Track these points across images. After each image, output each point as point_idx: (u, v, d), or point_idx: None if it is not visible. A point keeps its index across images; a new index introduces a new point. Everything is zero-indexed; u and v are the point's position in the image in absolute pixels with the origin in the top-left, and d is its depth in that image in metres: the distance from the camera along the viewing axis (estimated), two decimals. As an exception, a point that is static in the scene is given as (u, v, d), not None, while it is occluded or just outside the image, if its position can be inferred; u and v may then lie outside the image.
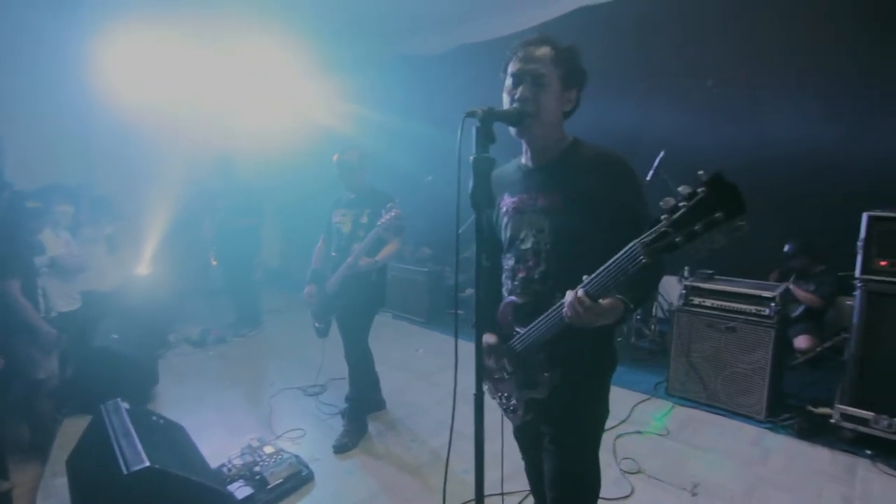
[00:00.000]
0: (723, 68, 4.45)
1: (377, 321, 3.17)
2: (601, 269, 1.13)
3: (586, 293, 1.16)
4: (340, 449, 2.89)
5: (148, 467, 1.83)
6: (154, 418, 2.40)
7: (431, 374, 4.05)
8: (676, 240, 0.97)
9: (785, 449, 2.85)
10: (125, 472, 1.82)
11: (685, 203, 0.94)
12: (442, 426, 3.18)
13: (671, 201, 0.97)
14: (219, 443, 2.87)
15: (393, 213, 2.74)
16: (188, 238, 6.37)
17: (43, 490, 2.59)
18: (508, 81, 1.36)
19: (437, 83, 6.52)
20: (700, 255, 0.96)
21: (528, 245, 1.41)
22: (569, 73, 1.34)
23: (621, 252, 1.08)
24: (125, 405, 2.28)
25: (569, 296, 1.19)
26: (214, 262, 5.44)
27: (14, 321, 2.82)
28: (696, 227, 0.93)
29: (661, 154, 4.06)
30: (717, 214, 0.90)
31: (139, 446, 1.93)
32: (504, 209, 1.49)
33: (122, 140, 5.77)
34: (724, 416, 3.21)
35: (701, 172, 0.93)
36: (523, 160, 1.48)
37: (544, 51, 1.32)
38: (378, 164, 3.12)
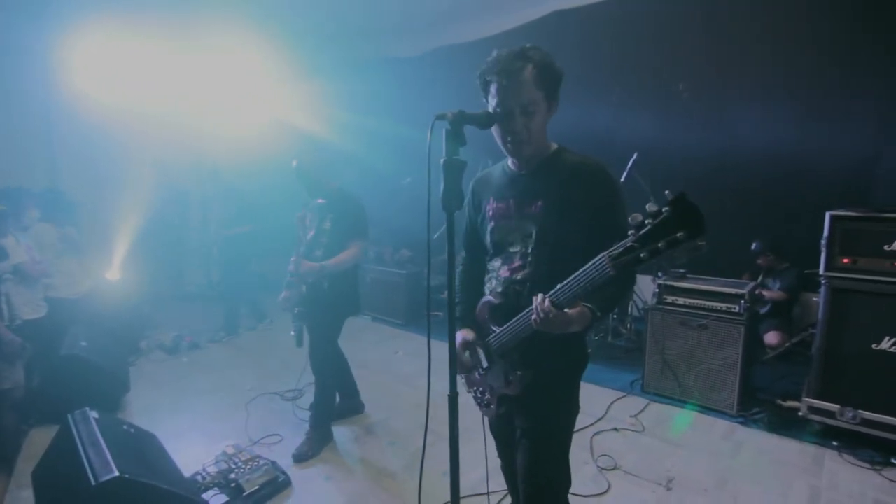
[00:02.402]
0: (693, 73, 4.57)
1: (356, 324, 3.13)
2: (570, 279, 1.17)
3: (552, 302, 1.20)
4: (300, 458, 2.81)
5: (117, 477, 1.77)
6: (124, 427, 2.33)
7: (410, 377, 4.03)
8: (641, 255, 1.02)
9: (755, 442, 2.93)
10: (93, 482, 1.76)
11: (651, 221, 0.99)
12: (421, 428, 3.15)
13: (639, 217, 1.01)
14: (193, 451, 2.80)
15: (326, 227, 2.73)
16: (161, 243, 6.24)
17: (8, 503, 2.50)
18: (496, 109, 1.33)
19: (416, 85, 6.53)
20: (663, 269, 1.00)
21: (515, 249, 1.45)
22: (551, 88, 1.34)
23: (589, 263, 1.12)
24: (94, 414, 2.21)
25: (536, 302, 1.22)
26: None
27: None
28: (660, 245, 0.98)
29: (635, 156, 4.14)
30: (678, 234, 0.95)
31: (108, 456, 1.87)
32: (490, 213, 1.52)
33: (89, 143, 5.62)
34: (698, 411, 3.28)
35: (667, 192, 0.97)
36: (509, 164, 1.51)
37: (528, 72, 1.29)
38: (358, 167, 3.09)
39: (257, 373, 4.16)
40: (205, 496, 2.32)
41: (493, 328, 1.46)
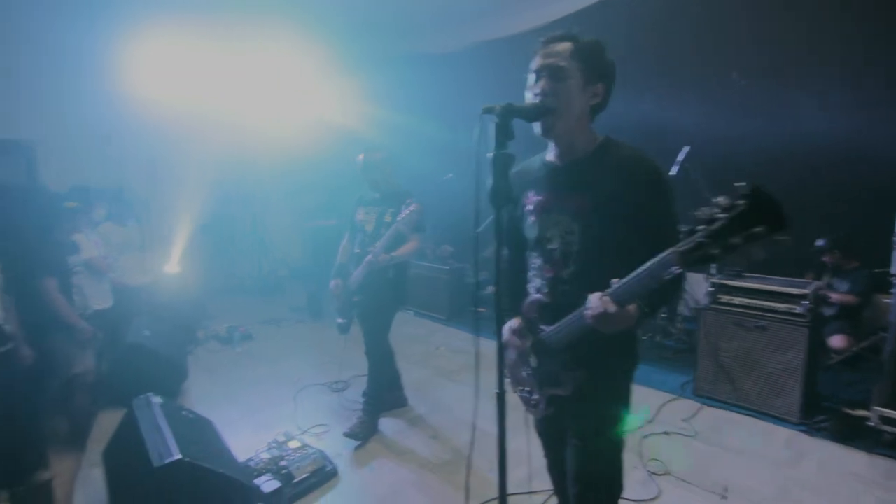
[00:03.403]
0: (748, 59, 4.32)
1: (399, 318, 3.18)
2: (631, 275, 1.12)
3: (612, 299, 1.15)
4: (351, 435, 2.94)
5: (178, 460, 1.88)
6: (184, 413, 2.46)
7: (453, 372, 4.05)
8: (713, 251, 0.94)
9: (819, 452, 2.76)
10: (156, 464, 1.87)
11: (724, 215, 0.92)
12: (463, 424, 3.18)
13: (707, 211, 0.95)
14: (246, 437, 2.92)
15: (412, 208, 2.76)
16: (213, 238, 6.54)
17: (81, 480, 2.69)
18: (530, 78, 1.35)
19: (455, 81, 6.49)
20: (737, 266, 0.94)
21: (555, 245, 1.40)
22: (591, 66, 1.31)
23: (654, 260, 1.07)
24: (157, 399, 2.35)
25: (593, 300, 1.18)
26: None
27: (51, 318, 2.93)
28: (735, 240, 0.91)
29: (686, 149, 3.97)
30: (757, 229, 0.88)
31: (170, 440, 1.98)
32: (529, 207, 1.47)
33: (150, 142, 5.95)
34: (755, 417, 3.12)
35: (741, 184, 0.90)
36: (549, 157, 1.46)
37: (564, 46, 1.31)
38: (397, 163, 3.15)
39: (305, 364, 4.28)
40: (257, 481, 2.41)
41: (543, 327, 1.42)
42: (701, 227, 0.96)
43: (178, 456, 1.89)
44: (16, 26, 4.96)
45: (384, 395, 3.21)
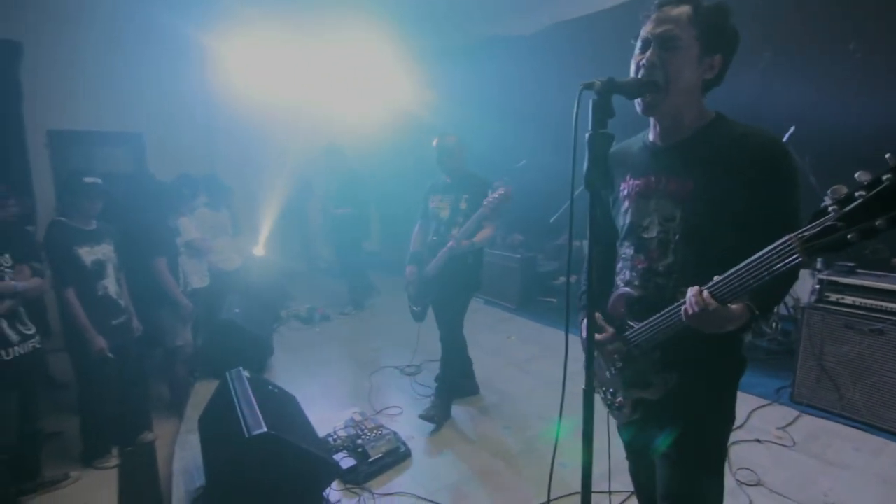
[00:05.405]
0: (867, 27, 3.79)
1: (469, 306, 3.16)
2: (738, 267, 0.99)
3: (713, 295, 1.03)
4: (426, 418, 2.97)
5: (265, 433, 1.98)
6: (270, 387, 2.60)
7: (524, 363, 3.99)
8: (848, 236, 0.80)
9: (945, 475, 2.42)
10: (246, 435, 1.99)
11: (863, 193, 0.78)
12: (534, 417, 3.13)
13: (842, 190, 0.81)
14: (324, 414, 3.05)
15: (501, 192, 2.72)
16: (292, 223, 6.87)
17: (179, 443, 2.94)
18: (637, 47, 1.20)
19: (529, 65, 6.29)
20: (880, 255, 0.80)
21: (652, 234, 1.27)
22: (711, 34, 1.15)
23: (770, 247, 0.93)
24: (246, 374, 2.50)
25: (690, 294, 1.06)
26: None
27: (159, 294, 3.22)
28: (878, 223, 0.77)
29: (791, 130, 3.58)
30: None
31: (258, 413, 2.10)
32: (625, 192, 1.35)
33: (240, 132, 6.32)
34: (864, 430, 2.80)
35: (889, 155, 0.76)
36: (651, 137, 1.31)
37: (682, 10, 1.14)
38: (468, 150, 3.11)
39: (379, 347, 4.41)
40: (335, 457, 2.51)
41: (632, 323, 1.30)
42: (832, 207, 0.82)
43: (265, 429, 1.99)
44: (127, 30, 5.43)
45: (457, 381, 3.22)
